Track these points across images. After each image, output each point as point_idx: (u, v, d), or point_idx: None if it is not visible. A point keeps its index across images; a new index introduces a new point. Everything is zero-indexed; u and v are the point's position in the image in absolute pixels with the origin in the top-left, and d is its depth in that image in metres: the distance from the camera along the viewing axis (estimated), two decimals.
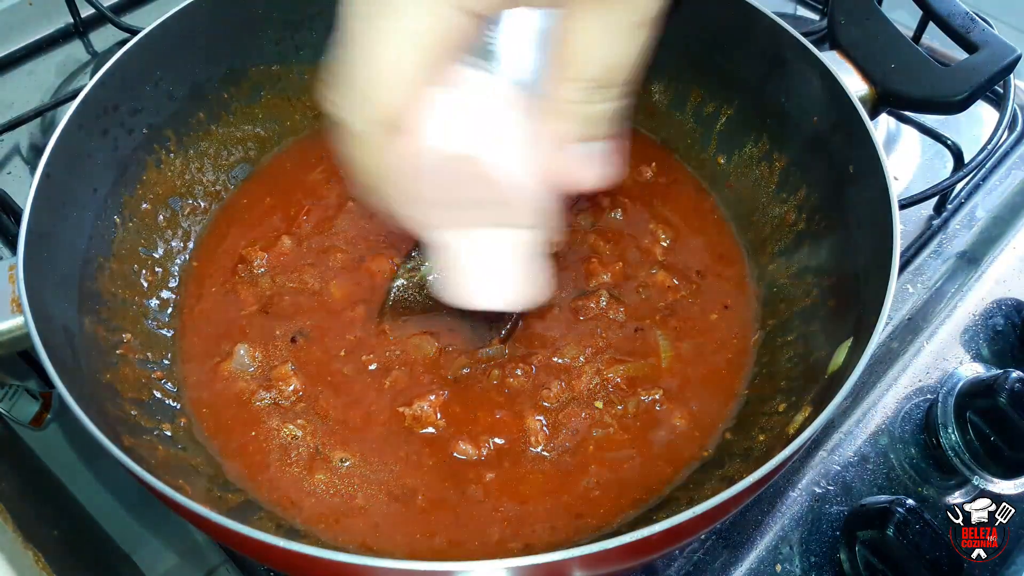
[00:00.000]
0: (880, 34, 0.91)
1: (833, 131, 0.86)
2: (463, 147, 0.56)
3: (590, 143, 0.58)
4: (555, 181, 0.60)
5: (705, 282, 0.93)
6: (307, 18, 1.04)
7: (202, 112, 0.99)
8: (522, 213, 0.61)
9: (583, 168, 0.59)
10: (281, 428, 0.81)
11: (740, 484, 0.60)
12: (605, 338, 0.87)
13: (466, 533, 0.75)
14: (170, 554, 0.88)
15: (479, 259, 0.65)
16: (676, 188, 1.03)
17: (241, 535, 0.59)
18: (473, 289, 0.68)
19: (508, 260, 0.66)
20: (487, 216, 0.62)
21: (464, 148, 0.56)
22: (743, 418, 0.83)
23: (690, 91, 1.04)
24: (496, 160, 0.56)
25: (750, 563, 0.80)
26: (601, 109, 0.57)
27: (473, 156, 0.56)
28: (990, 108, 1.17)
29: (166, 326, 0.89)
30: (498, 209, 0.61)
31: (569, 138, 0.58)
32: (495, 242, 0.64)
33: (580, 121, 0.57)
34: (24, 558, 0.74)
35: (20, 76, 1.22)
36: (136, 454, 0.68)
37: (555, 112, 0.57)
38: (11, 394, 0.97)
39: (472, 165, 0.56)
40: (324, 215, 0.98)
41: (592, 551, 0.56)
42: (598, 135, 0.58)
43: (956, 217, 1.06)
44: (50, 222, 0.77)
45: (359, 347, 0.86)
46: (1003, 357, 0.94)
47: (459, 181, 0.57)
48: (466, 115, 0.55)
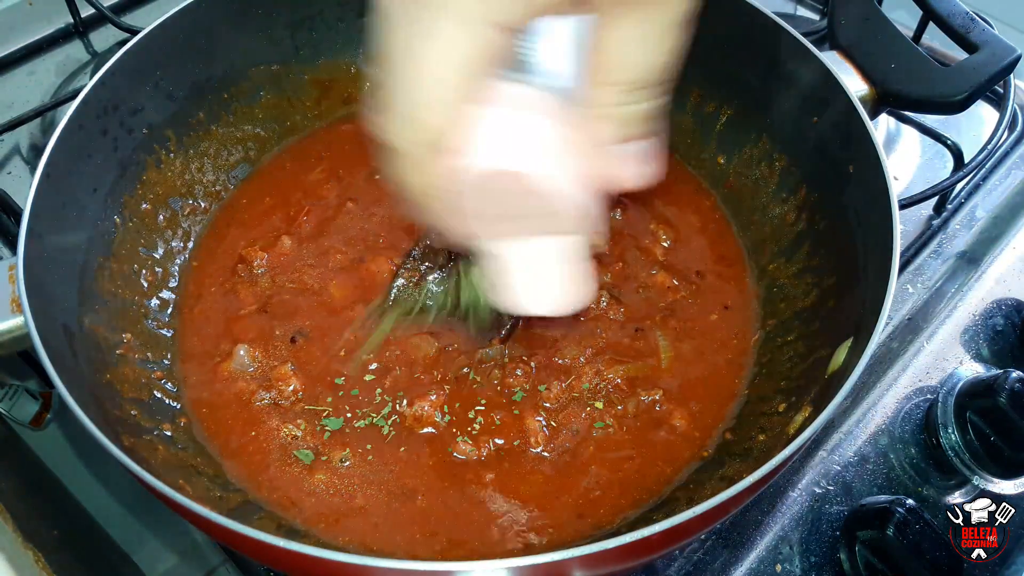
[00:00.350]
0: (880, 34, 0.91)
1: (833, 131, 0.86)
2: (507, 163, 0.56)
3: (631, 143, 0.59)
4: (598, 184, 0.61)
5: (705, 282, 0.93)
6: (307, 18, 1.04)
7: (202, 112, 0.99)
8: (567, 220, 0.62)
9: (625, 168, 0.60)
10: (281, 428, 0.81)
11: (740, 484, 0.60)
12: (605, 338, 0.87)
13: (466, 533, 0.75)
14: (170, 554, 0.89)
15: (528, 267, 0.67)
16: (676, 188, 1.03)
17: (241, 535, 0.59)
18: (524, 296, 0.70)
19: (556, 266, 0.67)
20: (534, 226, 0.63)
21: (508, 164, 0.56)
22: (743, 418, 0.83)
23: (690, 91, 1.04)
24: (540, 172, 0.57)
25: (750, 563, 0.80)
26: (640, 109, 0.58)
27: (517, 171, 0.57)
28: (990, 108, 1.17)
29: (166, 326, 0.89)
30: (544, 219, 0.62)
31: (610, 140, 0.58)
32: (542, 250, 0.66)
33: (620, 123, 0.58)
34: (24, 558, 0.74)
35: (20, 76, 1.22)
36: (136, 454, 0.68)
37: (594, 116, 0.58)
38: (11, 394, 0.97)
39: (517, 180, 0.57)
40: (324, 215, 0.98)
41: (592, 551, 0.56)
42: (638, 134, 0.59)
43: (956, 217, 1.06)
44: (50, 222, 0.77)
45: (359, 347, 0.86)
46: (1003, 357, 0.94)
47: (505, 196, 0.58)
48: (507, 130, 0.56)
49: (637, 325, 0.89)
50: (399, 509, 0.76)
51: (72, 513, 0.92)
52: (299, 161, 1.05)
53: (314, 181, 1.02)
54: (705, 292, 0.92)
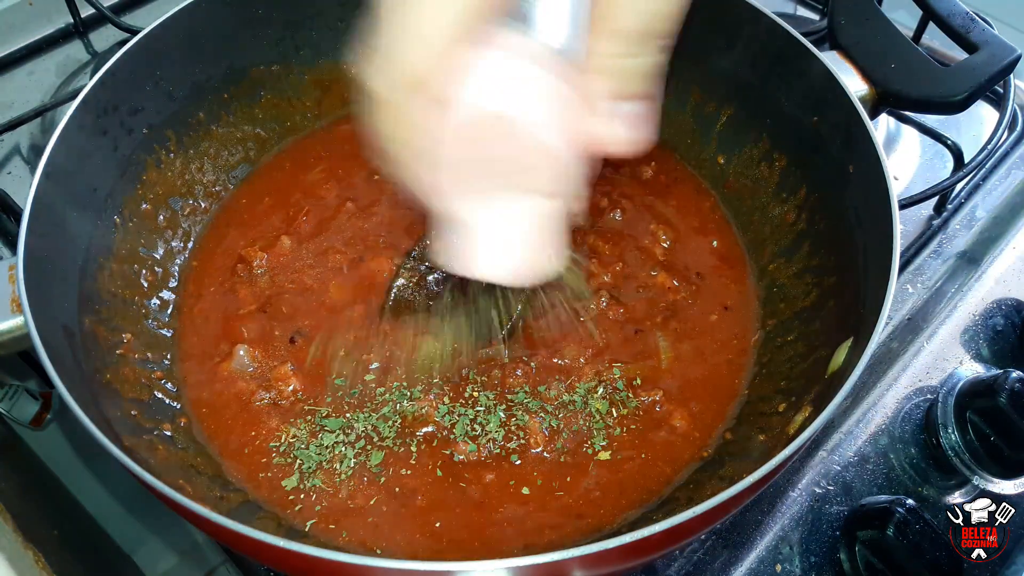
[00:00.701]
0: (880, 34, 0.91)
1: (833, 131, 0.86)
2: (495, 105, 0.55)
3: (627, 102, 0.58)
4: (587, 144, 0.59)
5: (705, 283, 0.93)
6: (307, 18, 1.04)
7: (202, 112, 0.99)
8: (548, 178, 0.60)
9: (615, 129, 0.58)
10: (281, 428, 0.81)
11: (740, 484, 0.60)
12: (605, 339, 0.87)
13: (466, 533, 0.75)
14: (170, 554, 0.89)
15: (497, 229, 0.63)
16: (676, 188, 1.03)
17: (241, 535, 0.59)
18: (484, 260, 0.66)
19: (525, 230, 0.64)
20: (511, 182, 0.60)
21: (496, 106, 0.55)
22: (743, 418, 0.83)
23: (690, 91, 1.04)
24: (528, 119, 0.56)
25: (750, 563, 0.80)
26: (640, 63, 0.56)
27: (504, 114, 0.55)
28: (990, 108, 1.17)
29: (166, 326, 0.89)
30: (524, 174, 0.59)
31: (607, 95, 0.57)
32: (515, 211, 0.62)
33: (617, 77, 0.56)
34: (24, 558, 0.74)
35: (20, 76, 1.22)
36: (136, 454, 0.68)
37: (592, 69, 0.56)
38: (11, 394, 0.97)
39: (501, 124, 0.55)
40: (324, 215, 0.98)
41: (592, 551, 0.56)
42: (636, 92, 0.58)
43: (956, 217, 1.06)
44: (50, 222, 0.77)
45: (359, 347, 0.86)
46: (1003, 357, 0.94)
47: (488, 140, 0.56)
48: (500, 75, 0.55)
49: (637, 326, 0.89)
50: (399, 509, 0.76)
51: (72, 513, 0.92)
52: (299, 161, 1.05)
53: (313, 181, 1.02)
54: (705, 292, 0.92)
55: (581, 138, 0.58)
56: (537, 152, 0.57)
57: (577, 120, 0.57)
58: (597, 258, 0.94)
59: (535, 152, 0.57)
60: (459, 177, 0.59)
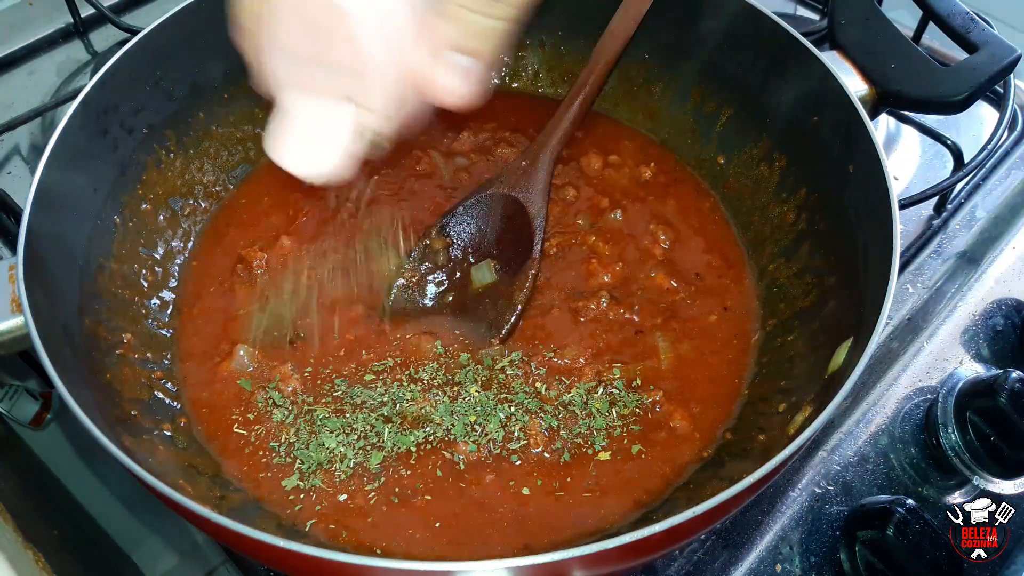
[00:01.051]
0: (880, 34, 0.91)
1: (833, 131, 0.86)
2: None
3: (465, 56, 0.61)
4: (415, 80, 0.61)
5: (705, 283, 0.93)
6: None
7: (202, 112, 0.99)
8: (366, 90, 0.62)
9: (448, 78, 0.61)
10: (281, 428, 0.81)
11: (740, 484, 0.60)
12: (605, 339, 0.87)
13: (466, 533, 0.75)
14: (170, 554, 0.89)
15: (306, 122, 0.66)
16: (676, 188, 1.03)
17: (241, 535, 0.59)
18: (283, 146, 0.69)
19: (328, 130, 0.66)
20: (333, 83, 0.63)
21: None
22: (743, 418, 0.83)
23: (690, 91, 1.04)
24: (363, 24, 0.57)
25: (750, 563, 0.80)
26: (488, 24, 0.59)
27: (344, 8, 0.57)
28: (990, 108, 1.17)
29: (166, 326, 0.89)
30: (347, 79, 0.61)
31: (448, 44, 0.60)
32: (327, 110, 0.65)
33: (464, 28, 0.60)
34: (24, 558, 0.74)
35: (20, 76, 1.22)
36: (136, 454, 0.68)
37: (445, 15, 0.59)
38: (11, 394, 0.97)
39: (340, 18, 0.57)
40: (323, 215, 0.98)
41: (592, 551, 0.56)
42: (476, 49, 0.61)
43: (956, 217, 1.06)
44: (50, 222, 0.77)
45: (359, 347, 0.86)
46: (1003, 357, 0.94)
47: (322, 32, 0.58)
48: None
49: (637, 326, 0.89)
50: (399, 509, 0.76)
51: (72, 513, 0.92)
52: None
53: None
54: (705, 293, 0.92)
55: (411, 69, 0.61)
56: (364, 57, 0.59)
57: (412, 51, 0.60)
58: (597, 258, 0.94)
59: (361, 57, 0.59)
60: (290, 67, 0.62)
